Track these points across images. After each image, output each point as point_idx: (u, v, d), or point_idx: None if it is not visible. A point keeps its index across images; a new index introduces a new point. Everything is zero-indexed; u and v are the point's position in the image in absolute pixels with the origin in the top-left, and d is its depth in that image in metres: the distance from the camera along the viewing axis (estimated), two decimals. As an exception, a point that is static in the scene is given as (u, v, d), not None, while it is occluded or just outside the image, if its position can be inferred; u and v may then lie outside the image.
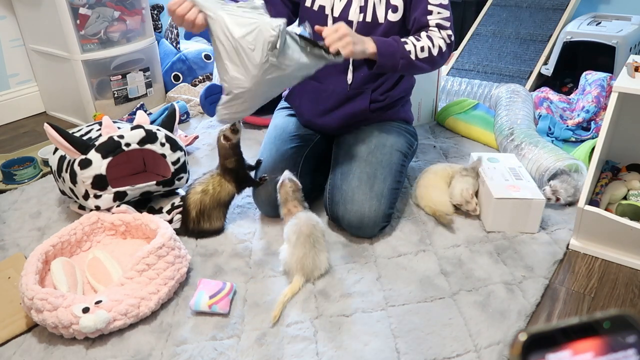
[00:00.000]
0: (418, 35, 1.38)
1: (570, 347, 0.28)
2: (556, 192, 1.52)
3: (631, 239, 1.30)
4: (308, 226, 1.27)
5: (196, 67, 2.59)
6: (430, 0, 1.40)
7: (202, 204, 1.43)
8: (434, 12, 1.40)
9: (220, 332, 1.14)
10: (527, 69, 2.43)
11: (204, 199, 1.43)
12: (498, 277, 1.29)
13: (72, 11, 2.08)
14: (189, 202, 1.44)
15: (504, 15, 2.67)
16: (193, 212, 1.43)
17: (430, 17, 1.40)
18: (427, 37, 1.37)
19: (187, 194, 1.46)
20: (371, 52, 1.29)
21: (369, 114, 1.53)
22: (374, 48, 1.29)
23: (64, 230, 1.35)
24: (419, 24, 1.41)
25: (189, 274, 1.32)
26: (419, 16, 1.40)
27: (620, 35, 2.24)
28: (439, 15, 1.40)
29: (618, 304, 1.22)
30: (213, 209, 1.44)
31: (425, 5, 1.40)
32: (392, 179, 1.44)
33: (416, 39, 1.36)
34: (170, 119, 1.61)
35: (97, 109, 2.26)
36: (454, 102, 2.21)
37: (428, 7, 1.40)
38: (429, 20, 1.40)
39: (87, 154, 1.40)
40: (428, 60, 1.37)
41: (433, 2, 1.40)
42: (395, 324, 1.15)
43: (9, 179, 1.81)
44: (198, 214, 1.43)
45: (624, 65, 1.43)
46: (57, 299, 1.09)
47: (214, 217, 1.45)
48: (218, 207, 1.45)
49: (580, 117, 2.00)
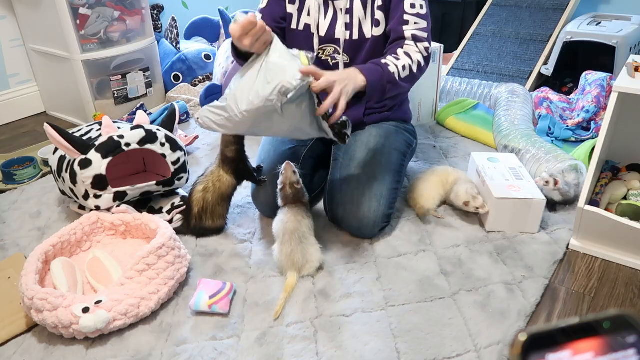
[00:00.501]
0: (395, 53, 1.32)
1: (571, 347, 0.28)
2: (554, 176, 1.49)
3: (631, 239, 1.30)
4: (292, 222, 1.28)
5: (196, 67, 2.59)
6: (406, 9, 1.34)
7: (204, 202, 1.43)
8: (410, 22, 1.34)
9: (220, 332, 1.14)
10: (527, 69, 2.43)
11: (206, 196, 1.43)
12: (498, 277, 1.28)
13: (72, 11, 2.08)
14: (192, 200, 1.44)
15: (504, 15, 2.67)
16: (195, 209, 1.43)
17: (407, 27, 1.34)
18: (404, 55, 1.31)
19: (190, 194, 1.47)
20: (361, 85, 1.21)
21: (363, 121, 1.54)
22: (363, 81, 1.21)
23: (64, 230, 1.35)
24: (395, 35, 1.36)
25: (189, 274, 1.32)
26: (395, 26, 1.35)
27: (620, 35, 2.24)
28: (415, 26, 1.34)
29: (618, 304, 1.22)
30: (216, 206, 1.44)
31: (401, 15, 1.35)
32: (392, 179, 1.44)
33: (395, 58, 1.30)
34: (170, 119, 1.61)
35: (97, 109, 2.26)
36: (454, 102, 2.21)
37: (404, 16, 1.34)
38: (405, 31, 1.34)
39: (87, 154, 1.40)
40: (409, 78, 1.32)
41: (409, 11, 1.34)
42: (395, 324, 1.15)
43: (9, 179, 1.81)
44: (200, 211, 1.43)
45: (624, 65, 1.43)
46: (57, 299, 1.09)
47: (216, 214, 1.45)
48: (222, 202, 1.45)
49: (580, 117, 2.00)
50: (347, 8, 1.39)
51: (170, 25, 2.63)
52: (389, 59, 1.30)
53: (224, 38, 2.57)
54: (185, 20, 2.80)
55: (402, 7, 1.35)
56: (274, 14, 1.42)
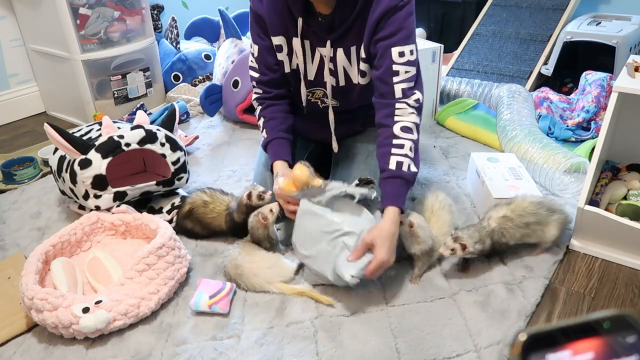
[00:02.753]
0: (393, 136, 1.24)
1: (571, 347, 0.28)
2: (459, 239, 1.23)
3: (631, 239, 1.30)
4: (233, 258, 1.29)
5: (196, 67, 2.59)
6: (395, 59, 1.23)
7: (195, 207, 1.43)
8: (400, 72, 1.23)
9: (220, 332, 1.14)
10: (527, 69, 2.43)
11: (203, 208, 1.43)
12: (498, 277, 1.28)
13: (72, 11, 2.08)
14: (192, 199, 1.45)
15: (504, 15, 2.67)
16: (187, 207, 1.44)
17: (397, 78, 1.24)
18: (402, 131, 1.24)
19: (192, 194, 1.47)
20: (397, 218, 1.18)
21: (362, 129, 1.54)
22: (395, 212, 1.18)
23: (64, 230, 1.35)
24: (383, 87, 1.26)
25: (189, 274, 1.32)
26: (384, 77, 1.25)
27: (620, 35, 2.24)
28: (405, 76, 1.24)
29: (618, 304, 1.22)
30: (197, 221, 1.44)
31: (390, 65, 1.23)
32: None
33: (399, 147, 1.23)
34: (170, 119, 1.61)
35: (97, 109, 2.26)
36: (454, 102, 2.21)
37: (393, 67, 1.23)
38: (395, 84, 1.24)
39: (87, 154, 1.40)
40: (417, 143, 1.26)
41: (398, 60, 1.23)
42: (395, 324, 1.15)
43: (9, 179, 1.81)
44: (189, 212, 1.44)
45: (624, 65, 1.43)
46: (57, 299, 1.09)
47: (198, 225, 1.45)
48: (201, 224, 1.44)
49: (580, 117, 2.00)
50: (331, 56, 1.33)
51: (170, 25, 2.63)
52: (396, 155, 1.22)
53: (224, 38, 2.57)
54: (185, 20, 2.80)
55: (389, 55, 1.23)
56: (267, 62, 1.39)
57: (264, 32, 1.35)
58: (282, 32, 1.33)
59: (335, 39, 1.30)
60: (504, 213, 1.30)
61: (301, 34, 1.31)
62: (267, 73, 1.40)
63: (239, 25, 2.39)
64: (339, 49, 1.32)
